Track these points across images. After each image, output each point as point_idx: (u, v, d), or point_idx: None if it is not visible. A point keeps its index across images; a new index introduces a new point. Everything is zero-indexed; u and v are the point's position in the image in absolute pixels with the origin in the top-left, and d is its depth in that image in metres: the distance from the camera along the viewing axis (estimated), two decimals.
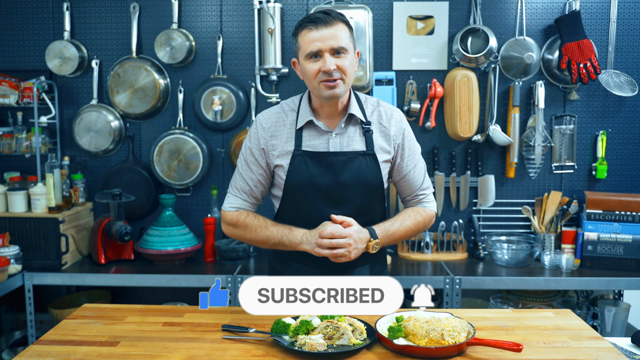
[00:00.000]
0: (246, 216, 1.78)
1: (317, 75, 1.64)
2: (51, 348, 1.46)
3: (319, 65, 1.63)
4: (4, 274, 2.55)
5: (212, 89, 2.96)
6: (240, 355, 1.41)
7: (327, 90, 1.65)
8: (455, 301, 2.61)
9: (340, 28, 1.64)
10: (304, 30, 1.65)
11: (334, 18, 1.63)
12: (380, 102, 1.81)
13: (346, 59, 1.64)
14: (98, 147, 3.02)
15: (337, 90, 1.65)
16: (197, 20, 3.01)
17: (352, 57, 1.67)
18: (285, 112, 1.78)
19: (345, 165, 1.71)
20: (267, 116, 1.79)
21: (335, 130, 1.74)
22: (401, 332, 1.44)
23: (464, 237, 2.98)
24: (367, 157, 1.72)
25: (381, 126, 1.76)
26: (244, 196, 1.80)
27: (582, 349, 1.44)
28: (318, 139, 1.73)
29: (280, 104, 1.83)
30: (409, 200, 1.88)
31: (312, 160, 1.71)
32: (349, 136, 1.74)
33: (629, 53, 2.97)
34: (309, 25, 1.63)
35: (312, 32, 1.63)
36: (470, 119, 2.88)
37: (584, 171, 3.05)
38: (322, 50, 1.62)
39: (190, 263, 2.87)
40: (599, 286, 2.71)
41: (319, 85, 1.66)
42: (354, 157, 1.72)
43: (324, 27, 1.62)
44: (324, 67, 1.62)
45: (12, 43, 3.07)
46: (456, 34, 2.92)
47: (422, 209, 1.85)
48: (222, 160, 3.08)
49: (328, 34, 1.62)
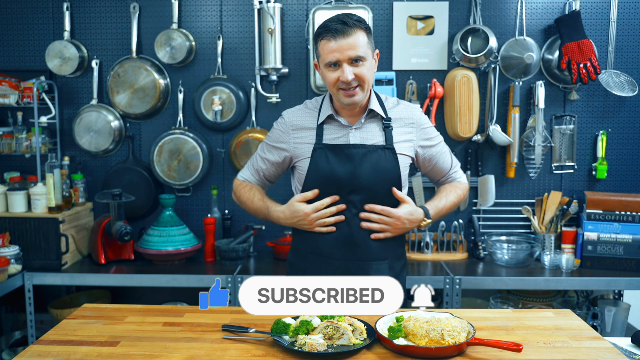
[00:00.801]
0: (244, 187, 1.96)
1: (336, 83, 1.71)
2: (51, 348, 1.46)
3: (338, 74, 1.69)
4: (4, 274, 2.55)
5: (212, 89, 2.96)
6: (240, 355, 1.41)
7: (347, 98, 1.73)
8: (455, 301, 2.61)
9: (358, 36, 1.67)
10: (323, 40, 1.70)
11: (351, 27, 1.67)
12: (400, 101, 1.89)
13: (364, 67, 1.70)
14: (98, 147, 3.02)
15: (356, 98, 1.73)
16: (197, 20, 3.01)
17: (370, 62, 1.73)
18: (309, 109, 1.87)
19: (364, 157, 1.76)
20: (291, 112, 1.89)
21: (355, 125, 1.80)
22: (401, 332, 1.44)
23: (464, 237, 2.98)
24: (385, 150, 1.78)
25: (401, 122, 1.83)
26: (254, 173, 1.96)
27: (582, 349, 1.44)
28: (338, 132, 1.81)
29: (304, 102, 1.91)
30: (442, 181, 1.99)
31: (332, 153, 1.78)
32: (368, 130, 1.80)
33: (629, 53, 2.97)
34: (327, 35, 1.68)
35: (330, 43, 1.67)
36: (470, 119, 2.88)
37: (584, 171, 3.05)
38: (340, 60, 1.68)
39: (190, 263, 2.87)
40: (599, 286, 2.71)
41: (338, 92, 1.73)
42: (373, 150, 1.78)
43: (341, 37, 1.66)
44: (342, 78, 1.68)
45: (12, 43, 3.07)
46: (456, 34, 2.92)
47: (458, 183, 1.98)
48: (222, 160, 3.08)
49: (346, 44, 1.66)
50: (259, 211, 1.91)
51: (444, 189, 1.94)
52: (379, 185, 1.78)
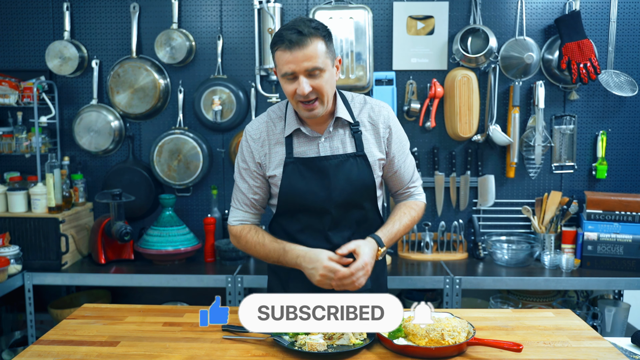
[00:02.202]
0: (248, 231, 1.77)
1: (294, 95, 1.61)
2: (51, 348, 1.46)
3: (295, 86, 1.59)
4: (4, 274, 2.55)
5: (212, 89, 2.96)
6: (240, 355, 1.41)
7: (306, 112, 1.63)
8: (455, 301, 2.61)
9: (314, 46, 1.56)
10: (278, 50, 1.59)
11: (307, 36, 1.55)
12: (367, 100, 1.79)
13: (322, 78, 1.59)
14: (98, 147, 3.02)
15: (316, 112, 1.63)
16: (197, 20, 3.01)
17: (330, 72, 1.62)
18: (273, 121, 1.76)
19: (337, 169, 1.70)
20: (255, 127, 1.77)
21: (324, 134, 1.72)
22: (401, 332, 1.44)
23: (464, 237, 2.98)
24: (357, 158, 1.72)
25: (370, 124, 1.75)
26: (245, 208, 1.80)
27: (582, 349, 1.44)
28: (308, 144, 1.72)
29: (267, 111, 1.81)
30: (400, 194, 1.89)
31: (304, 167, 1.71)
32: (338, 139, 1.73)
33: (629, 53, 2.97)
34: (282, 46, 1.57)
35: (285, 54, 1.57)
36: (470, 119, 2.88)
37: (584, 171, 3.05)
38: (296, 72, 1.57)
39: (190, 263, 2.87)
40: (599, 286, 2.71)
41: (297, 105, 1.64)
42: (345, 160, 1.71)
43: (297, 48, 1.55)
44: (299, 91, 1.58)
45: (12, 43, 3.07)
46: (456, 34, 2.92)
47: (413, 202, 1.87)
48: (222, 160, 3.08)
49: (302, 55, 1.55)
50: (272, 253, 1.72)
51: (397, 211, 1.82)
52: (354, 195, 1.72)
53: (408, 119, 2.99)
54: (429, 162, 3.04)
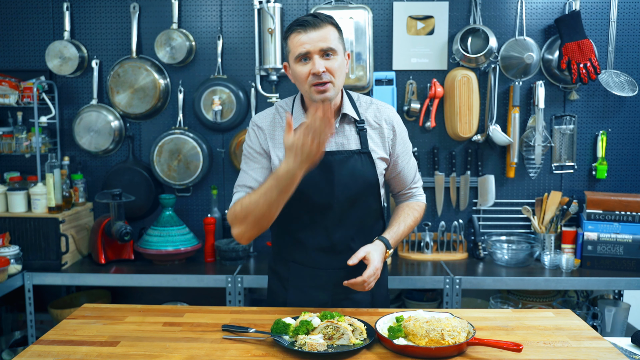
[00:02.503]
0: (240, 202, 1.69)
1: (307, 78, 1.65)
2: (51, 348, 1.46)
3: (309, 67, 1.63)
4: (4, 274, 2.55)
5: (212, 89, 2.96)
6: (240, 355, 1.41)
7: (318, 94, 1.65)
8: (455, 301, 2.61)
9: (329, 30, 1.64)
10: (292, 34, 1.65)
11: (322, 21, 1.64)
12: (373, 101, 1.83)
13: (335, 61, 1.65)
14: (98, 147, 3.02)
15: (328, 94, 1.65)
16: (197, 20, 3.01)
17: (341, 59, 1.68)
18: (280, 114, 1.79)
19: (341, 164, 1.72)
20: (262, 117, 1.81)
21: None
22: (401, 332, 1.44)
23: (464, 237, 2.98)
24: (362, 155, 1.74)
25: (375, 124, 1.79)
26: (246, 190, 1.74)
27: (582, 349, 1.44)
28: None
29: (274, 105, 1.84)
30: (402, 194, 1.93)
31: None
32: (343, 135, 1.75)
33: (629, 53, 2.97)
34: (297, 28, 1.64)
35: (300, 35, 1.63)
36: (470, 119, 2.88)
37: (584, 171, 3.05)
38: (310, 52, 1.63)
39: (190, 263, 2.87)
40: (599, 286, 2.71)
41: (310, 89, 1.66)
42: (350, 156, 1.73)
43: (312, 29, 1.62)
44: (313, 70, 1.62)
45: (12, 43, 3.07)
46: (456, 34, 2.92)
47: (415, 203, 1.91)
48: (222, 160, 3.08)
49: (316, 36, 1.62)
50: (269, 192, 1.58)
51: (401, 212, 1.86)
52: (357, 192, 1.73)
53: (408, 119, 2.99)
54: (429, 162, 3.04)
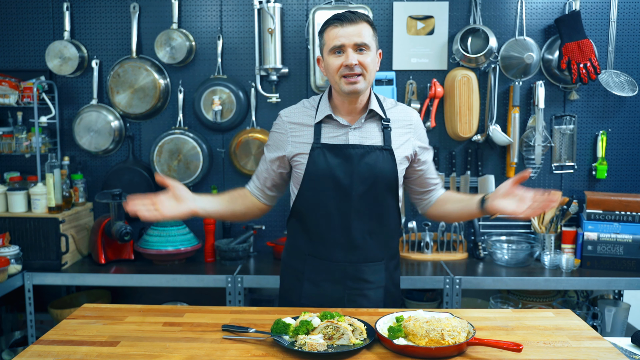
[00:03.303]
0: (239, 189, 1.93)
1: (339, 69, 1.71)
2: (51, 348, 1.46)
3: (342, 60, 1.70)
4: (4, 274, 2.55)
5: (212, 89, 2.96)
6: (240, 355, 1.41)
7: (348, 85, 1.71)
8: (455, 301, 2.61)
9: (364, 26, 1.71)
10: (329, 27, 1.73)
11: (358, 17, 1.71)
12: (397, 103, 1.89)
13: (368, 56, 1.71)
14: (98, 147, 3.02)
15: (358, 86, 1.71)
16: (197, 20, 3.01)
17: (374, 55, 1.74)
18: (307, 108, 1.86)
19: (362, 158, 1.75)
20: (289, 110, 1.88)
21: (355, 124, 1.79)
22: (401, 332, 1.44)
23: (464, 237, 2.98)
24: (384, 151, 1.77)
25: (399, 123, 1.83)
26: (259, 184, 1.92)
27: (582, 349, 1.44)
28: (337, 132, 1.79)
29: (302, 101, 1.90)
30: (423, 193, 1.95)
31: (330, 153, 1.76)
32: (367, 131, 1.79)
33: (629, 53, 2.97)
34: (335, 22, 1.71)
35: (337, 29, 1.70)
36: (470, 119, 2.88)
37: (584, 171, 3.05)
38: (345, 45, 1.69)
39: (190, 263, 2.87)
40: (599, 286, 2.71)
41: (340, 80, 1.72)
42: (371, 151, 1.76)
43: (348, 24, 1.69)
44: (346, 62, 1.68)
45: (12, 43, 3.07)
46: (456, 34, 2.92)
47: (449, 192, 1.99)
48: (222, 160, 3.08)
49: (352, 30, 1.69)
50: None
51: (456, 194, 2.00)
52: (376, 187, 1.76)
53: None
54: None
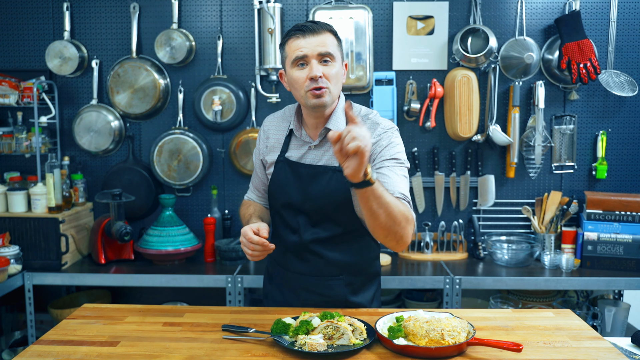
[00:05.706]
0: (243, 205, 1.94)
1: (304, 83, 1.61)
2: (51, 348, 1.46)
3: (306, 72, 1.61)
4: (4, 274, 2.55)
5: (212, 89, 2.96)
6: (240, 355, 1.41)
7: (314, 99, 1.61)
8: (455, 301, 2.61)
9: (327, 36, 1.62)
10: (291, 39, 1.63)
11: (321, 27, 1.62)
12: (370, 117, 1.70)
13: (333, 67, 1.62)
14: (98, 147, 3.02)
15: (324, 99, 1.62)
16: (197, 20, 3.01)
17: (339, 66, 1.65)
18: (285, 118, 1.82)
19: (313, 179, 1.70)
20: (270, 119, 1.86)
21: (315, 141, 1.73)
22: (401, 332, 1.44)
23: (464, 237, 2.98)
24: (337, 173, 1.68)
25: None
26: (254, 190, 1.93)
27: (582, 349, 1.44)
28: (300, 148, 1.75)
29: (286, 107, 1.86)
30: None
31: (289, 168, 1.74)
32: (326, 149, 1.72)
33: (629, 53, 2.97)
34: (296, 33, 1.62)
35: (299, 40, 1.61)
36: (470, 119, 2.88)
37: (584, 171, 3.05)
38: (308, 56, 1.60)
39: (190, 263, 2.87)
40: (599, 286, 2.71)
41: (305, 94, 1.62)
42: (324, 172, 1.69)
43: (311, 34, 1.60)
44: (311, 74, 1.59)
45: (12, 43, 3.07)
46: (456, 34, 2.92)
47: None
48: (222, 160, 3.08)
49: (315, 41, 1.60)
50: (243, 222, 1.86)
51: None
52: (327, 207, 1.69)
53: (408, 119, 2.99)
54: (429, 162, 3.04)
